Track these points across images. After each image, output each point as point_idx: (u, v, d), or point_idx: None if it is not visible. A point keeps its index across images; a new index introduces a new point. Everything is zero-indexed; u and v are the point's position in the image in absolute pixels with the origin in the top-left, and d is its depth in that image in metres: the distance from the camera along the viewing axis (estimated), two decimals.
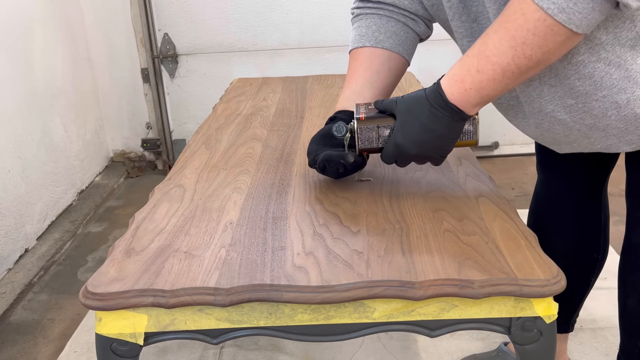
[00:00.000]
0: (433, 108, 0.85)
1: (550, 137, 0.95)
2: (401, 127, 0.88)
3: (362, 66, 1.06)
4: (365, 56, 1.06)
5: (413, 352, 1.52)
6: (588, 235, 1.22)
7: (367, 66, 1.05)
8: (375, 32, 1.06)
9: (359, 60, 1.06)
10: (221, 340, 0.79)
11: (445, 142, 0.89)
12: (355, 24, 1.11)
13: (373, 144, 0.94)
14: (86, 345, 1.62)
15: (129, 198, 2.68)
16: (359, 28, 1.09)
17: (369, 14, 1.08)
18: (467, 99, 0.83)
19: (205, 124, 1.47)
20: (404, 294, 0.74)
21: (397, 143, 0.89)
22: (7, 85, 2.06)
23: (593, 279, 1.26)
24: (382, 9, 1.07)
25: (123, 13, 2.73)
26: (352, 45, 1.08)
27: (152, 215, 0.96)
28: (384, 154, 0.93)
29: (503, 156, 2.98)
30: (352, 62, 1.08)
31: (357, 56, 1.07)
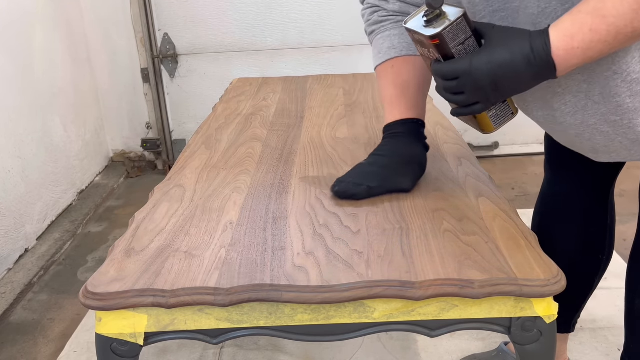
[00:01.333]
0: (532, 54, 0.78)
1: (590, 146, 0.93)
2: (488, 52, 0.80)
3: (421, 78, 1.06)
4: (421, 65, 1.05)
5: (413, 352, 1.52)
6: (594, 236, 1.21)
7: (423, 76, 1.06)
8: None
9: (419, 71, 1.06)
10: (221, 340, 0.79)
11: (518, 90, 0.82)
12: (396, 30, 1.07)
13: (453, 43, 0.82)
14: (86, 345, 1.62)
15: (129, 198, 2.68)
16: (403, 35, 1.06)
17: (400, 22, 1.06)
18: (569, 58, 0.77)
19: (205, 124, 1.47)
20: (404, 294, 0.74)
21: (475, 63, 0.80)
22: (7, 85, 2.06)
23: (597, 280, 1.26)
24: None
25: (123, 13, 2.73)
26: (403, 51, 1.05)
27: (152, 215, 0.96)
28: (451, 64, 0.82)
29: (503, 156, 2.98)
30: (409, 69, 1.06)
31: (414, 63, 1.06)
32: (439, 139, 1.29)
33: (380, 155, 1.02)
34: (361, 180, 0.98)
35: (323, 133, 1.36)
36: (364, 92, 1.74)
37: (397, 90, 1.06)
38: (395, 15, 1.06)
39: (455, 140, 1.28)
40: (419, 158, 1.04)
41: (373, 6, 1.09)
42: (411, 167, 1.02)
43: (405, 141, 1.03)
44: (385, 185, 0.98)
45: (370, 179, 0.98)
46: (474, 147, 2.96)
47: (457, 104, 0.85)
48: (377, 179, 0.99)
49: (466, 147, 1.25)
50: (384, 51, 1.07)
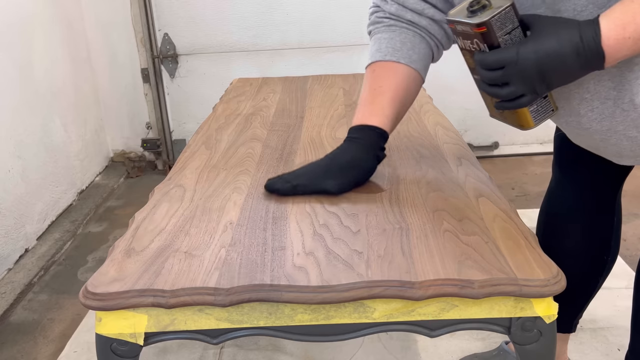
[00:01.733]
0: (581, 43, 0.75)
1: (615, 150, 0.92)
2: (536, 41, 0.77)
3: (400, 86, 1.03)
4: (402, 73, 1.03)
5: (413, 352, 1.52)
6: (600, 237, 1.21)
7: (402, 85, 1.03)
8: (409, 50, 1.03)
9: (399, 79, 1.03)
10: (221, 340, 0.79)
11: (565, 80, 0.80)
12: (387, 33, 1.05)
13: (500, 32, 0.79)
14: (86, 345, 1.62)
15: (129, 198, 2.68)
16: (391, 40, 1.04)
17: (404, 28, 1.04)
18: (620, 48, 0.74)
19: (205, 124, 1.47)
20: (404, 294, 0.74)
21: (522, 52, 0.78)
22: (8, 85, 2.06)
23: (601, 281, 1.26)
24: (417, 27, 1.04)
25: (123, 13, 2.73)
26: (387, 56, 1.03)
27: (152, 215, 0.96)
28: (497, 53, 0.80)
29: (503, 156, 2.98)
30: (387, 75, 1.04)
31: (395, 70, 1.03)
32: (439, 139, 1.29)
33: (326, 157, 1.03)
34: (291, 178, 1.01)
35: (323, 133, 1.36)
36: None
37: (370, 95, 1.04)
38: (389, 18, 1.05)
39: (455, 140, 1.28)
40: (358, 163, 1.02)
41: (375, 6, 1.09)
42: (346, 171, 1.01)
43: (355, 147, 1.02)
44: (310, 185, 1.00)
45: (300, 178, 1.01)
46: (474, 147, 2.96)
47: (501, 96, 0.82)
48: (306, 179, 1.00)
49: (466, 147, 1.25)
50: (371, 53, 1.06)
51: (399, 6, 1.03)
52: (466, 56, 0.86)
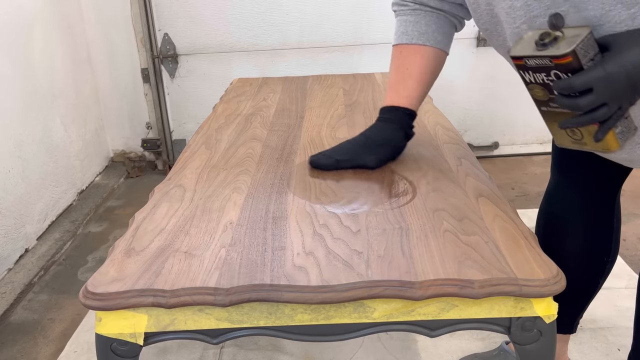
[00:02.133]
0: None
1: (626, 158, 0.92)
2: (617, 56, 0.76)
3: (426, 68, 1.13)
4: (429, 56, 1.13)
5: (413, 352, 1.52)
6: (600, 238, 1.21)
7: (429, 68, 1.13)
8: (435, 32, 1.12)
9: (425, 61, 1.13)
10: (221, 340, 0.79)
11: None
12: (412, 16, 1.14)
13: (584, 60, 0.77)
14: (86, 345, 1.62)
15: (129, 198, 2.68)
16: (417, 24, 1.13)
17: (428, 12, 1.12)
18: None
19: (205, 124, 1.47)
20: (404, 294, 0.74)
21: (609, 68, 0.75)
22: (8, 86, 2.06)
23: (601, 282, 1.25)
24: (441, 10, 1.12)
25: (123, 13, 2.73)
26: (414, 39, 1.13)
27: (152, 215, 0.96)
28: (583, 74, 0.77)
29: (503, 156, 2.98)
30: (414, 58, 1.13)
31: (421, 53, 1.13)
32: (439, 139, 1.29)
33: (362, 135, 1.14)
34: (333, 153, 1.12)
35: (323, 133, 1.36)
36: (364, 92, 1.74)
37: (399, 76, 1.14)
38: (414, 3, 1.12)
39: (455, 140, 1.28)
40: (394, 142, 1.13)
41: None
42: (382, 148, 1.11)
43: (388, 126, 1.13)
44: (351, 160, 1.10)
45: (341, 154, 1.11)
46: (474, 147, 2.96)
47: (597, 119, 0.78)
48: (347, 154, 1.11)
49: (466, 147, 1.25)
50: (398, 34, 1.14)
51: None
52: (535, 89, 0.84)
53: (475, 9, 0.96)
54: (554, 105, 0.83)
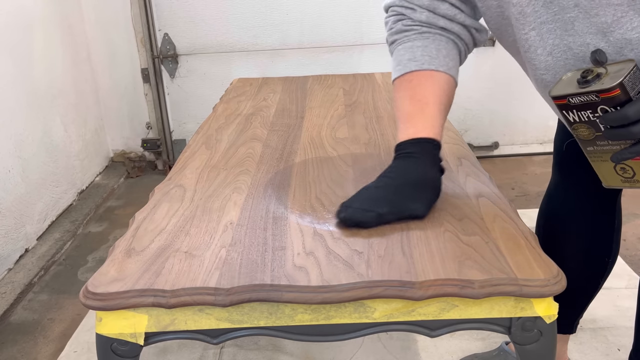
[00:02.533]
0: None
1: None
2: None
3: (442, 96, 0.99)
4: (443, 82, 0.99)
5: (413, 352, 1.52)
6: (601, 239, 1.21)
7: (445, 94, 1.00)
8: (446, 57, 1.00)
9: (440, 88, 0.99)
10: (221, 340, 0.79)
11: None
12: (420, 41, 1.01)
13: (633, 92, 0.76)
14: (86, 345, 1.62)
15: (129, 198, 2.68)
16: (426, 48, 1.00)
17: (437, 35, 1.01)
18: None
19: (205, 124, 1.47)
20: (404, 294, 0.74)
21: None
22: (8, 86, 2.06)
23: (601, 282, 1.25)
24: (449, 32, 1.02)
25: (123, 13, 2.73)
26: (425, 65, 0.99)
27: (152, 215, 0.96)
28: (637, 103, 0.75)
29: (503, 156, 2.98)
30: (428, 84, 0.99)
31: (435, 79, 0.99)
32: None
33: (391, 178, 0.92)
34: (370, 205, 0.88)
35: (323, 133, 1.36)
36: (364, 92, 1.74)
37: (414, 106, 0.98)
38: (420, 26, 1.01)
39: (455, 140, 1.28)
40: (433, 182, 0.94)
41: (398, 14, 1.04)
42: (425, 191, 0.92)
43: (419, 163, 0.93)
44: (396, 211, 0.88)
45: (380, 204, 0.88)
46: (474, 147, 2.96)
47: None
48: (388, 204, 0.88)
49: (466, 147, 1.25)
50: (404, 63, 1.01)
51: (430, 13, 1.00)
52: (580, 129, 0.83)
53: (485, 11, 0.95)
54: (601, 143, 0.82)
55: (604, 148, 0.82)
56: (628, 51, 0.79)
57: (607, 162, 0.84)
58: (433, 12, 1.00)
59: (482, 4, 0.94)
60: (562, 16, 0.82)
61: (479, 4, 0.95)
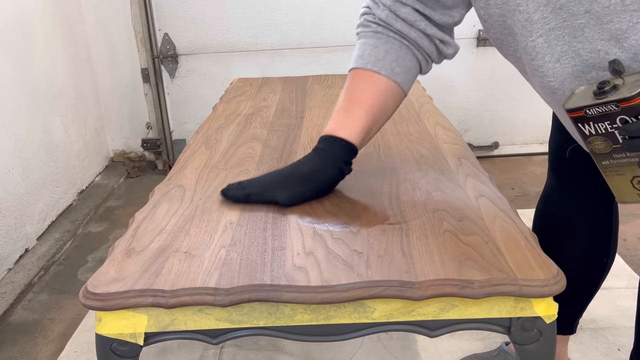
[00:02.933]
0: None
1: None
2: None
3: (377, 99, 0.99)
4: (381, 85, 0.99)
5: (413, 352, 1.52)
6: (599, 240, 1.21)
7: (380, 98, 0.99)
8: (393, 62, 0.99)
9: (377, 91, 0.99)
10: (221, 340, 0.79)
11: None
12: (372, 39, 1.01)
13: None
14: (86, 345, 1.62)
15: (129, 198, 2.68)
16: (376, 48, 1.00)
17: (391, 38, 1.00)
18: None
19: (205, 124, 1.47)
20: (404, 294, 0.74)
21: None
22: (8, 86, 2.06)
23: (600, 282, 1.26)
24: (405, 38, 1.00)
25: (123, 13, 2.73)
26: (368, 65, 0.99)
27: (152, 215, 0.96)
28: None
29: (503, 156, 2.98)
30: (365, 86, 0.99)
31: (374, 81, 0.99)
32: (439, 139, 1.29)
33: (290, 166, 1.00)
34: (246, 185, 1.00)
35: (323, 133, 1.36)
36: None
37: (345, 103, 1.00)
38: (377, 24, 1.00)
39: (455, 140, 1.28)
40: (318, 175, 0.98)
41: (367, 7, 1.04)
42: (303, 184, 0.97)
43: (318, 158, 0.98)
44: (262, 194, 0.97)
45: (254, 186, 0.99)
46: (474, 147, 2.96)
47: None
48: (260, 186, 0.98)
49: (466, 147, 1.25)
50: (354, 58, 1.02)
51: (390, 13, 0.99)
52: (596, 142, 0.82)
53: (486, 19, 0.93)
54: (618, 156, 0.81)
55: (621, 161, 0.81)
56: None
57: (623, 176, 0.82)
58: (394, 13, 0.98)
59: (484, 12, 0.92)
60: (572, 22, 0.81)
61: (481, 11, 0.93)
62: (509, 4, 0.86)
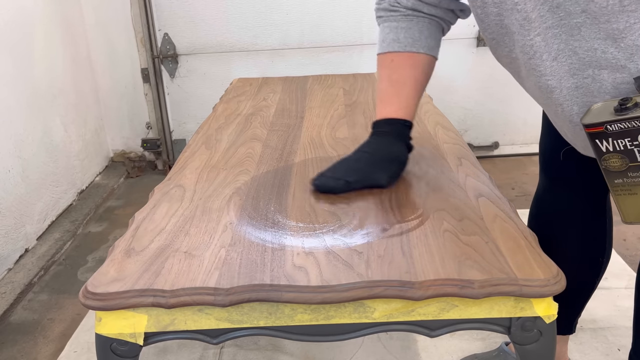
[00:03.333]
0: None
1: None
2: None
3: (420, 76, 1.08)
4: (423, 63, 1.08)
5: (413, 352, 1.52)
6: (593, 240, 1.21)
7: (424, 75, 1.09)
8: (428, 38, 1.08)
9: (419, 69, 1.08)
10: (221, 340, 0.79)
11: None
12: (404, 22, 1.08)
13: None
14: (86, 345, 1.62)
15: (129, 198, 2.68)
16: (409, 30, 1.08)
17: (422, 18, 1.08)
18: None
19: (205, 124, 1.47)
20: (404, 294, 0.74)
21: None
22: (8, 86, 2.06)
23: (597, 281, 1.26)
24: (434, 17, 1.09)
25: (123, 13, 2.73)
26: (407, 47, 1.07)
27: (152, 215, 0.96)
28: None
29: (503, 156, 2.98)
30: (407, 67, 1.08)
31: (415, 61, 1.08)
32: (439, 139, 1.29)
33: (363, 152, 1.06)
34: (341, 174, 1.02)
35: (323, 133, 1.36)
36: (364, 92, 1.74)
37: (392, 87, 1.08)
38: (406, 8, 1.07)
39: (455, 140, 1.28)
40: (399, 157, 1.06)
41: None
42: (390, 164, 1.04)
43: (390, 140, 1.06)
44: (363, 180, 1.01)
45: (350, 174, 1.02)
46: (474, 147, 2.96)
47: None
48: (356, 174, 1.02)
49: (466, 147, 1.25)
50: (388, 42, 1.08)
51: (416, 0, 1.06)
52: (612, 159, 0.82)
53: (483, 19, 0.94)
54: (634, 174, 0.80)
55: (636, 180, 0.81)
56: (638, 58, 0.78)
57: (636, 196, 0.82)
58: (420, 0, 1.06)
59: (481, 11, 0.93)
60: (568, 21, 0.81)
61: (478, 10, 0.94)
62: (507, 2, 0.87)
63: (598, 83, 0.83)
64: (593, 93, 0.84)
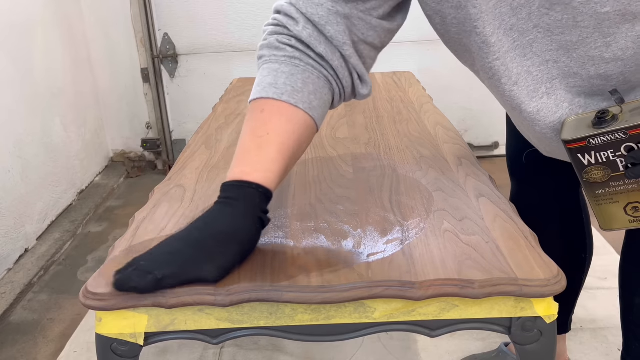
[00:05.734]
0: None
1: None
2: None
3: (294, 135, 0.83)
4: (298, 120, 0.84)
5: (413, 352, 1.52)
6: (573, 237, 1.23)
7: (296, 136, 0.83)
8: (311, 94, 0.84)
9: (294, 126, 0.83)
10: (221, 340, 0.79)
11: None
12: (287, 66, 0.85)
13: None
14: (86, 345, 1.62)
15: (129, 198, 2.68)
16: (292, 76, 0.84)
17: (309, 66, 0.85)
18: None
19: (205, 124, 1.47)
20: (404, 294, 0.74)
21: None
22: (8, 86, 2.06)
23: (584, 278, 1.28)
24: (325, 67, 0.86)
25: (123, 13, 2.73)
26: (284, 96, 0.83)
27: (152, 215, 0.96)
28: None
29: (503, 156, 2.97)
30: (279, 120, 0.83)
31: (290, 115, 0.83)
32: (439, 139, 1.29)
33: (197, 228, 0.78)
34: (152, 266, 0.73)
35: (323, 133, 1.36)
36: None
37: (254, 142, 0.82)
38: (295, 48, 0.86)
39: (455, 140, 1.28)
40: (240, 236, 0.78)
41: (278, 25, 0.89)
42: (225, 247, 0.76)
43: (233, 211, 0.78)
44: (181, 274, 0.73)
45: (164, 264, 0.73)
46: (474, 147, 2.96)
47: None
48: (174, 264, 0.73)
49: (466, 147, 1.25)
50: (263, 86, 0.85)
51: (314, 31, 0.84)
52: (593, 172, 0.82)
53: (443, 34, 0.89)
54: (615, 184, 0.81)
55: (618, 189, 0.81)
56: (590, 66, 0.80)
57: (617, 204, 0.83)
58: (319, 31, 0.84)
59: (441, 27, 0.87)
60: (521, 42, 0.82)
61: (438, 26, 0.87)
62: (466, 24, 0.82)
63: (553, 96, 0.84)
64: (553, 109, 0.86)
